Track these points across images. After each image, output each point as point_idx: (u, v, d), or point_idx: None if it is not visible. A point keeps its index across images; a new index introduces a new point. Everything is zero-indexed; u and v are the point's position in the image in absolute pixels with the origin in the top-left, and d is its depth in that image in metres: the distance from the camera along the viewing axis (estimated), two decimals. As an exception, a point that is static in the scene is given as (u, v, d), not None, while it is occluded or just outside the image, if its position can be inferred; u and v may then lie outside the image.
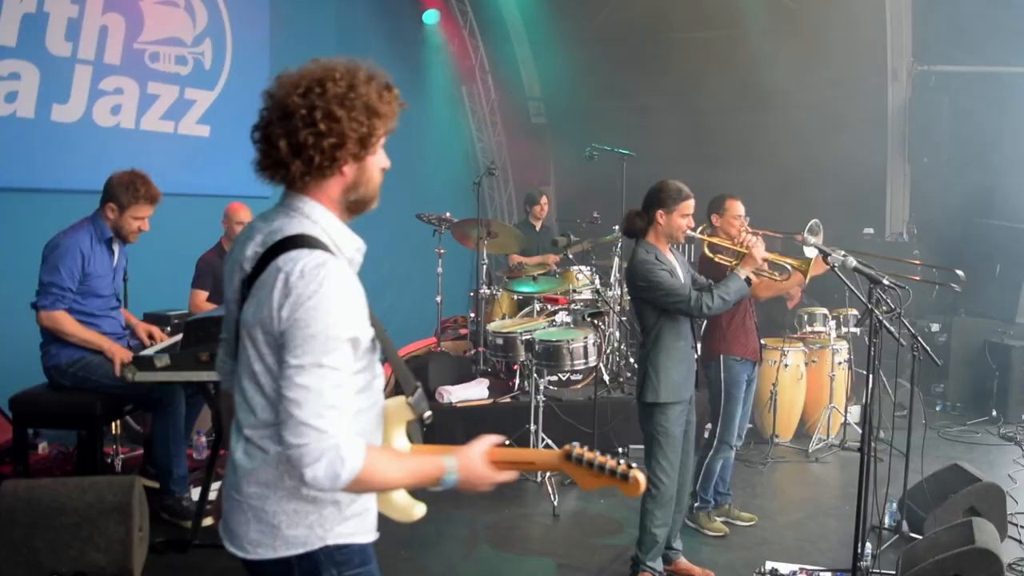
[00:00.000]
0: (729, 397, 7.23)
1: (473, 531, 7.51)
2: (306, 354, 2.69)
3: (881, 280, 5.82)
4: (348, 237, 3.07)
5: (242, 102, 11.83)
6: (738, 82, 12.99)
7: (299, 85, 2.86)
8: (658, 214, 6.11)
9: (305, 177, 2.89)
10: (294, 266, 2.74)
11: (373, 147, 2.99)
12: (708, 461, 7.36)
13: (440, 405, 9.30)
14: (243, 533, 2.91)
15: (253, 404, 2.85)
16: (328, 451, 2.67)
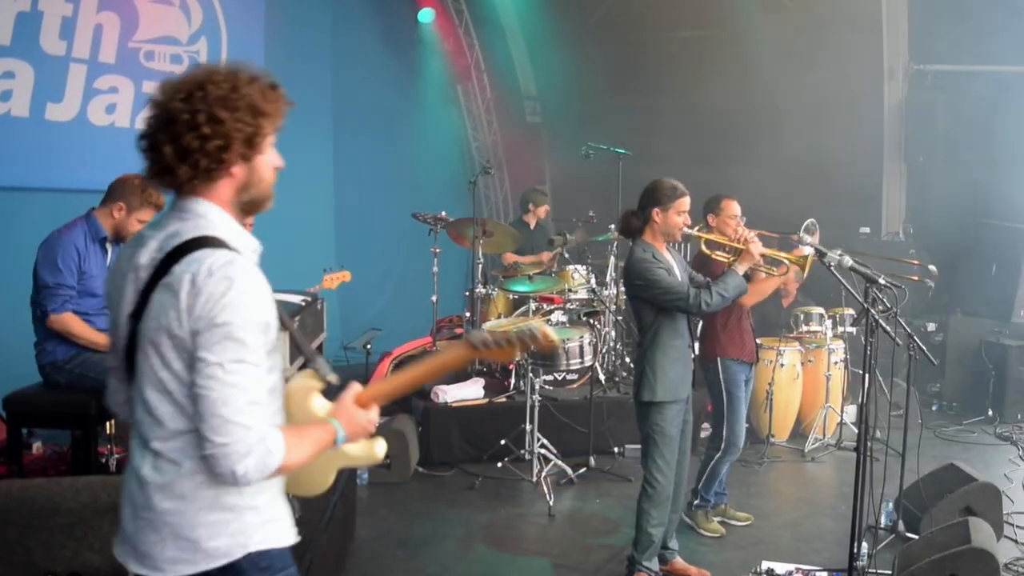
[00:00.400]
0: (731, 398, 7.24)
1: (469, 531, 7.52)
2: (225, 351, 2.68)
3: (877, 279, 5.82)
4: (245, 238, 3.00)
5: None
6: (734, 81, 12.97)
7: (180, 90, 2.83)
8: (654, 212, 6.12)
9: (193, 181, 2.85)
10: (200, 266, 2.72)
11: (261, 146, 2.94)
12: (715, 464, 7.36)
13: (435, 404, 9.31)
14: (157, 553, 2.84)
15: (160, 415, 2.80)
16: (255, 446, 2.68)
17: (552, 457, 8.75)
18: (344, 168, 14.06)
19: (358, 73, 14.20)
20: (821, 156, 12.18)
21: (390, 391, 3.25)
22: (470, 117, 16.76)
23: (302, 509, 5.81)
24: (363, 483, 8.33)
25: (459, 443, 9.23)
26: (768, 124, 12.65)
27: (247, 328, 2.71)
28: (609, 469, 9.04)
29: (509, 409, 9.34)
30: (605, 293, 10.42)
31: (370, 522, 7.58)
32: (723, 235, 6.81)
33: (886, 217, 13.31)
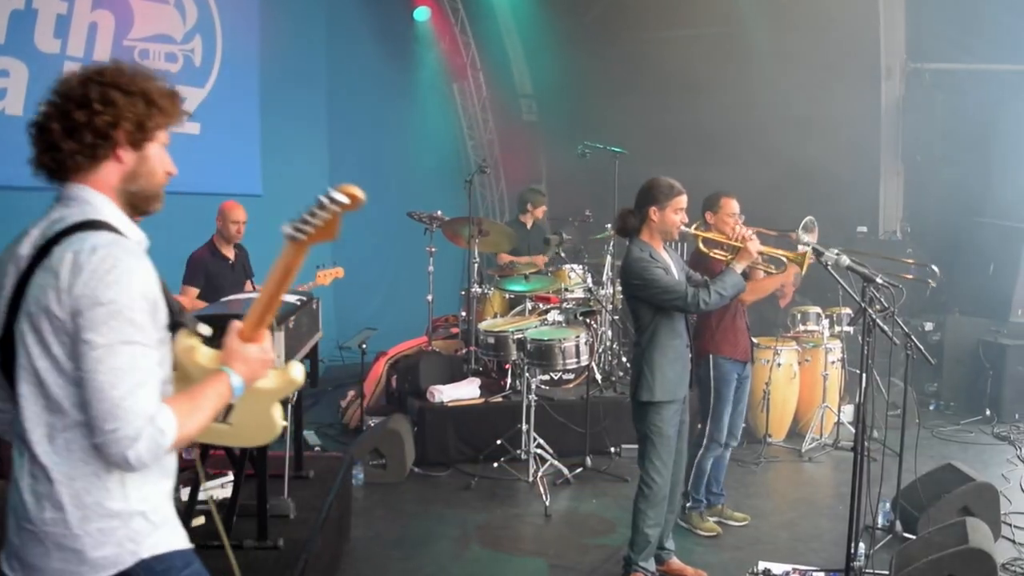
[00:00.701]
0: (719, 396, 7.25)
1: (464, 531, 7.52)
2: (112, 331, 2.57)
3: (875, 278, 5.82)
4: (132, 228, 2.88)
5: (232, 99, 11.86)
6: (731, 79, 12.97)
7: (79, 75, 2.80)
8: (651, 211, 6.11)
9: (77, 157, 2.76)
10: (83, 244, 2.62)
11: (151, 133, 2.88)
12: (698, 460, 7.37)
13: (431, 404, 9.30)
14: (43, 565, 2.70)
15: (34, 414, 2.66)
16: (144, 428, 2.57)
17: (548, 457, 8.75)
18: (339, 166, 14.05)
19: (353, 71, 14.22)
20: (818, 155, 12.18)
21: (262, 311, 3.05)
22: (466, 115, 16.79)
23: (297, 509, 5.83)
24: (358, 483, 8.33)
25: (455, 443, 9.23)
26: (765, 122, 12.64)
27: (134, 307, 2.61)
28: (605, 469, 9.03)
29: (505, 409, 9.34)
30: (602, 292, 10.41)
31: (365, 522, 7.57)
32: (721, 233, 6.82)
33: (883, 216, 13.33)
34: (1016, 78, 12.06)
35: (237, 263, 8.73)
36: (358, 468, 8.35)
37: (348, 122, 14.09)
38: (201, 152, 11.35)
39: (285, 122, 13.04)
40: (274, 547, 5.21)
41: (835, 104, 12.30)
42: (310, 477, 6.60)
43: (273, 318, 3.11)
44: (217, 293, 7.98)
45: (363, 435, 9.02)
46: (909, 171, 13.16)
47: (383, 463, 8.53)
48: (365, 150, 14.19)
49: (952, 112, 12.40)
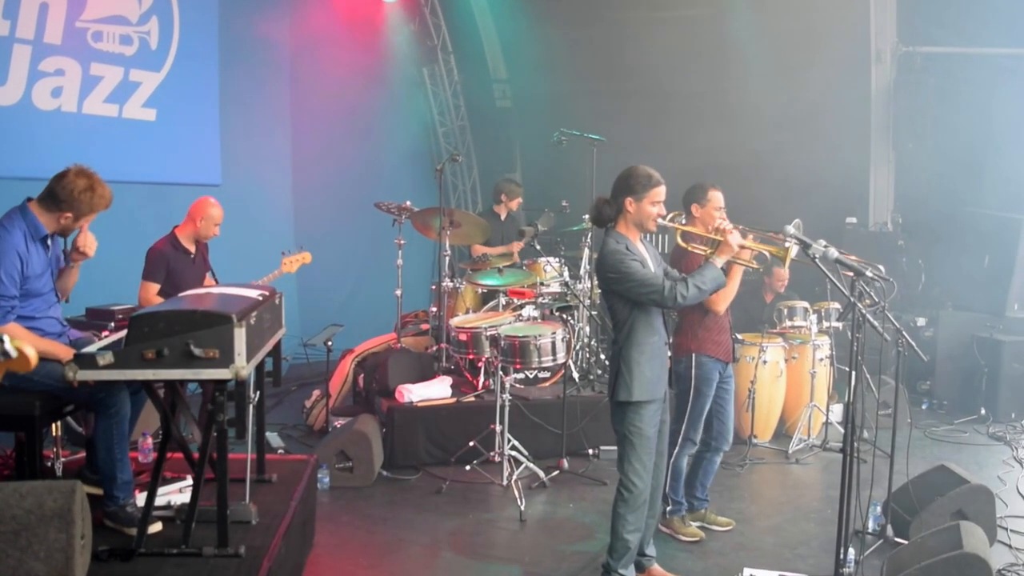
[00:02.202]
0: (698, 395, 7.23)
1: (435, 538, 7.51)
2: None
3: (864, 272, 5.84)
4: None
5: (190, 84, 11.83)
6: (714, 64, 13.00)
7: None
8: (627, 202, 6.10)
9: None
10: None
11: None
12: (673, 459, 7.32)
13: (400, 404, 9.29)
14: None
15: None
16: None
17: (523, 459, 8.76)
18: (302, 155, 14.04)
19: (318, 55, 14.17)
20: (806, 143, 12.23)
21: None
22: (436, 101, 16.74)
23: (260, 515, 5.82)
24: (324, 487, 8.32)
25: (425, 445, 9.23)
26: (750, 109, 12.68)
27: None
28: (583, 472, 9.05)
29: (478, 409, 9.33)
30: (579, 287, 10.43)
31: (331, 528, 7.55)
32: (706, 226, 6.82)
33: (873, 206, 13.37)
34: (1012, 62, 12.11)
35: (198, 256, 8.69)
36: (323, 471, 8.34)
37: (312, 108, 14.05)
38: (157, 140, 11.32)
39: (246, 108, 13.00)
40: (235, 555, 5.20)
41: (823, 89, 12.35)
42: (273, 481, 6.59)
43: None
44: (177, 289, 7.94)
45: (328, 437, 9.01)
46: (900, 159, 13.19)
47: (349, 466, 8.52)
48: (330, 137, 14.15)
49: (945, 97, 12.44)
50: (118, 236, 9.27)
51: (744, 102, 12.78)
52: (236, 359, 5.01)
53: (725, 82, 13.00)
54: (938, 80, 12.53)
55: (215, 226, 8.57)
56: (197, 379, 5.15)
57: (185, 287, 7.81)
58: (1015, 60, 12.09)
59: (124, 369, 5.05)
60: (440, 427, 9.25)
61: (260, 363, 6.19)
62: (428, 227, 10.60)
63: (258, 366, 6.16)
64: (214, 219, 8.56)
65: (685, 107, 13.24)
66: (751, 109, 12.64)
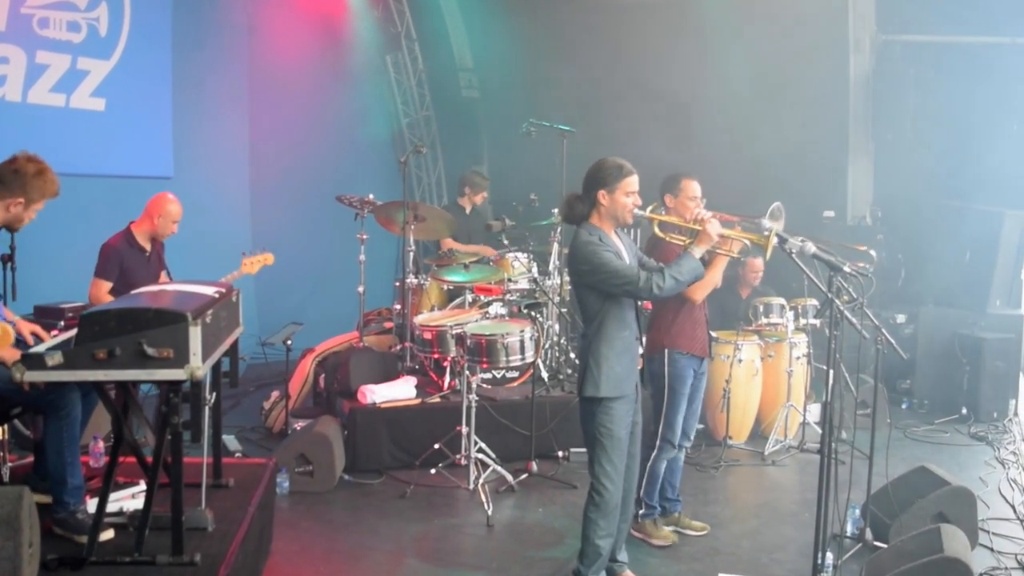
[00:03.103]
0: (673, 393, 7.25)
1: (399, 544, 7.50)
2: None
3: (842, 267, 5.86)
4: None
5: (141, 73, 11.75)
6: (688, 52, 12.98)
7: None
8: (599, 194, 6.10)
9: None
10: None
11: None
12: (651, 463, 7.35)
13: (362, 406, 9.28)
14: None
15: None
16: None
17: (490, 462, 8.76)
18: (261, 147, 13.98)
19: (277, 42, 14.11)
20: (782, 134, 12.24)
21: None
22: (400, 91, 16.72)
23: (216, 521, 5.80)
24: (283, 492, 8.30)
25: (388, 448, 9.21)
26: (725, 99, 12.68)
27: None
28: (553, 475, 9.06)
29: (443, 410, 9.32)
30: (548, 283, 10.43)
31: (290, 535, 7.53)
32: (680, 217, 6.82)
33: (852, 200, 13.39)
34: (993, 51, 12.15)
35: (154, 255, 8.63)
36: (282, 476, 8.32)
37: (271, 98, 14.00)
38: (106, 131, 11.24)
39: (200, 97, 12.91)
40: (190, 563, 5.17)
41: (800, 79, 12.37)
42: (230, 486, 6.56)
43: None
44: (130, 288, 7.86)
45: (288, 440, 8.98)
46: (880, 151, 13.22)
47: (310, 470, 8.50)
48: (290, 128, 14.10)
49: (926, 87, 12.47)
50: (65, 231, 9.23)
51: (719, 92, 12.77)
52: (191, 359, 4.99)
53: (700, 71, 12.99)
54: (918, 70, 12.56)
55: (173, 224, 8.51)
56: (151, 380, 5.12)
57: (138, 286, 7.73)
58: (996, 49, 12.13)
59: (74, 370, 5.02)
60: (404, 429, 9.24)
61: (217, 363, 6.17)
62: (392, 221, 10.57)
63: (214, 366, 6.15)
64: (172, 216, 8.49)
65: (659, 97, 13.21)
66: (727, 99, 12.64)
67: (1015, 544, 7.52)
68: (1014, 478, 9.23)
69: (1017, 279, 12.10)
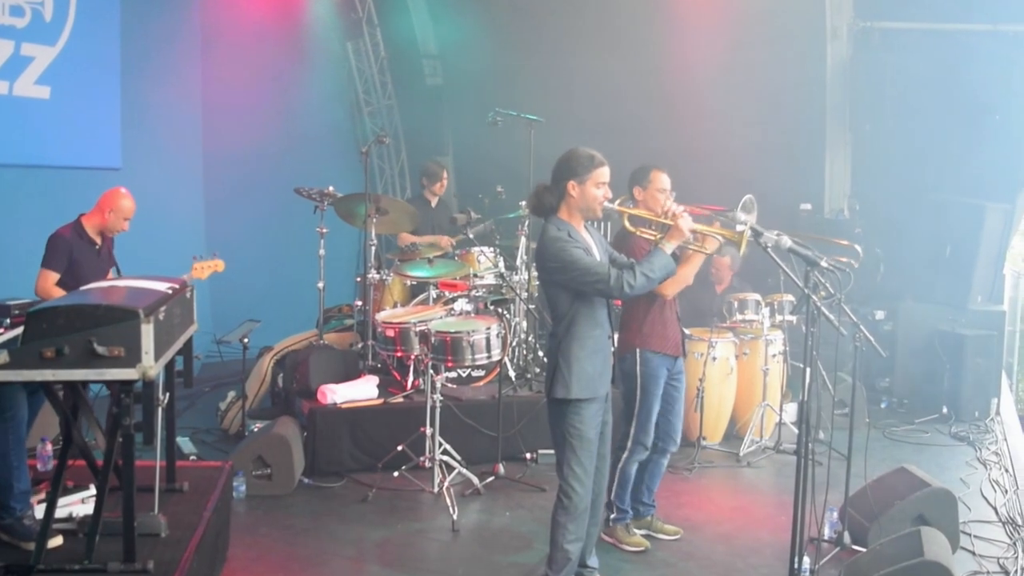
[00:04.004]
0: (645, 394, 7.27)
1: (361, 550, 7.50)
2: None
3: (819, 262, 5.87)
4: None
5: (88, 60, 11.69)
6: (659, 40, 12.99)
7: None
8: (569, 186, 6.09)
9: None
10: None
11: None
12: (622, 464, 7.38)
13: (323, 406, 9.26)
14: None
15: None
16: None
17: (456, 465, 8.75)
18: (214, 136, 13.91)
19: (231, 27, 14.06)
20: (756, 124, 12.26)
21: None
22: (361, 79, 16.68)
23: (170, 527, 5.78)
24: (240, 496, 8.27)
25: (350, 450, 9.20)
26: (697, 88, 12.68)
27: None
28: (520, 478, 9.08)
29: (407, 411, 9.32)
30: (515, 279, 10.43)
31: (247, 540, 7.51)
32: (650, 210, 6.82)
33: (829, 192, 13.41)
34: (974, 38, 12.18)
35: (104, 250, 8.61)
36: (239, 479, 8.30)
37: (225, 86, 13.93)
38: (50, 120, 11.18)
39: (151, 86, 12.83)
40: (143, 571, 5.15)
41: (775, 68, 12.37)
42: (184, 490, 6.54)
43: None
44: (78, 282, 7.84)
45: (245, 442, 8.96)
46: (857, 142, 13.25)
47: (268, 473, 8.49)
48: (245, 118, 14.04)
49: (905, 76, 12.50)
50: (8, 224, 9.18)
51: (693, 81, 12.77)
52: (143, 358, 4.96)
53: (672, 60, 13.00)
54: (897, 58, 12.58)
55: (124, 221, 8.48)
56: (101, 380, 5.09)
57: (87, 281, 7.70)
58: (978, 36, 12.16)
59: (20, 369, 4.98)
60: (366, 430, 9.23)
61: (170, 362, 6.14)
62: (352, 214, 10.55)
63: (168, 365, 6.11)
64: (124, 213, 8.47)
65: (630, 86, 13.23)
66: (700, 88, 12.64)
67: (997, 547, 7.57)
68: (996, 479, 9.29)
69: (999, 274, 12.17)
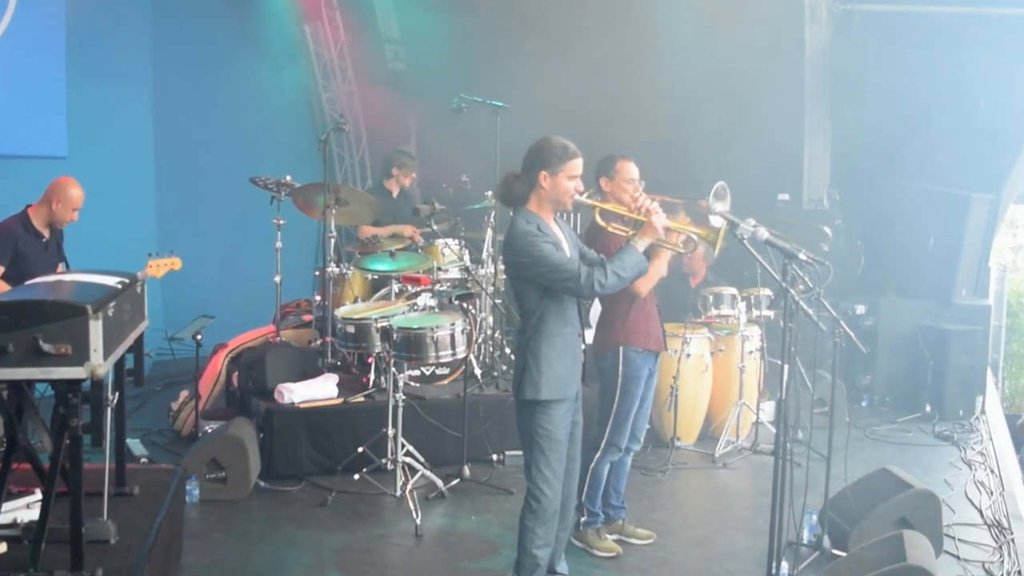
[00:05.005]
0: (625, 393, 7.27)
1: (320, 556, 7.48)
2: None
3: (797, 254, 5.89)
4: None
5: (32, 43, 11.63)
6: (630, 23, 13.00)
7: None
8: (541, 176, 6.07)
9: None
10: None
11: None
12: (594, 465, 7.38)
13: (280, 406, 9.23)
14: None
15: None
16: None
17: (419, 467, 8.75)
18: (165, 123, 13.86)
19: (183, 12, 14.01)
20: (732, 111, 12.28)
21: None
22: (320, 64, 16.63)
23: (119, 533, 5.76)
24: (193, 501, 8.24)
25: (308, 452, 9.18)
26: (670, 73, 12.69)
27: None
28: (487, 480, 9.07)
29: (368, 411, 9.31)
30: (481, 272, 10.42)
31: (201, 547, 7.49)
32: (619, 203, 6.81)
33: (808, 181, 13.45)
34: (959, 22, 12.23)
35: (52, 243, 8.59)
36: (192, 483, 8.27)
37: (177, 71, 13.89)
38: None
39: (98, 71, 12.77)
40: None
41: (751, 52, 12.37)
42: (135, 494, 6.52)
43: None
44: (24, 276, 7.83)
45: (198, 443, 8.94)
46: (837, 129, 13.29)
47: (222, 476, 8.47)
48: (198, 104, 14.01)
49: (887, 60, 12.54)
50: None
51: (665, 66, 12.77)
52: (92, 356, 4.95)
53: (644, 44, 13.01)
54: (879, 41, 12.63)
55: (73, 211, 8.46)
56: (47, 379, 5.08)
57: (34, 275, 7.66)
58: (962, 19, 12.22)
59: (-40, 369, 4.97)
60: (325, 431, 9.21)
61: (120, 360, 6.13)
62: (311, 205, 10.53)
63: (117, 364, 6.10)
64: (72, 203, 8.44)
65: (598, 72, 13.23)
66: (673, 74, 12.64)
67: (982, 551, 7.62)
68: (981, 480, 9.34)
69: (984, 267, 12.24)
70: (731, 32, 12.18)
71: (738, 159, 11.31)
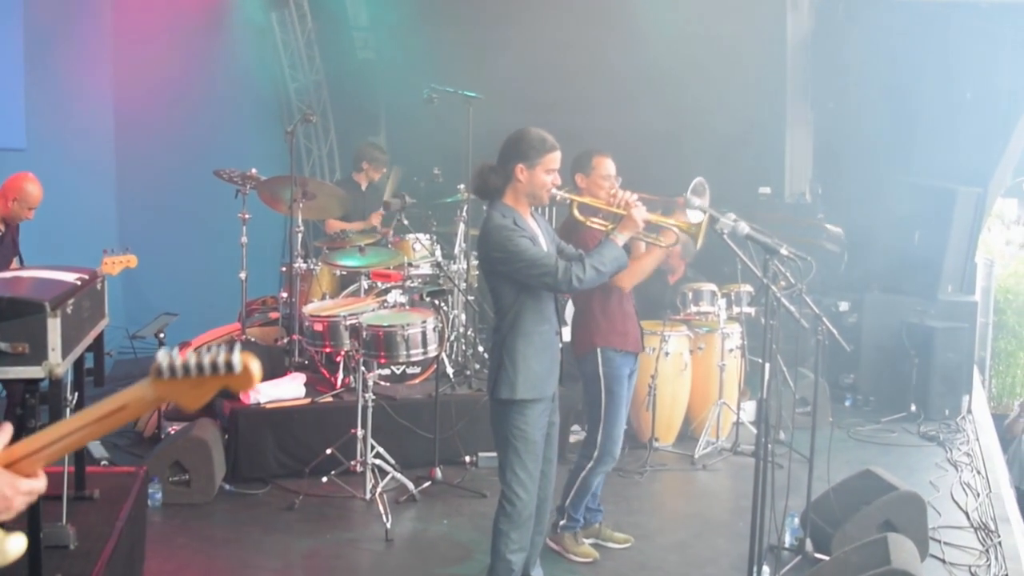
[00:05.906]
0: (612, 396, 7.24)
1: (287, 561, 7.48)
2: None
3: (779, 250, 5.90)
4: None
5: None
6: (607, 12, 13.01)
7: None
8: (517, 169, 6.07)
9: None
10: None
11: None
12: (586, 475, 7.35)
13: (245, 406, 9.21)
14: None
15: None
16: None
17: (389, 469, 8.74)
18: (127, 114, 13.81)
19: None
20: (712, 102, 12.28)
21: (54, 439, 2.56)
22: (287, 52, 16.59)
23: (79, 538, 5.73)
24: (155, 505, 8.21)
25: (275, 454, 9.16)
26: (649, 63, 12.70)
27: None
28: (459, 483, 9.06)
29: (336, 411, 9.30)
30: (453, 268, 10.42)
31: (164, 552, 7.47)
32: (596, 198, 6.82)
33: (790, 175, 13.48)
34: (947, 10, 12.25)
35: (8, 239, 8.55)
36: (155, 486, 8.24)
37: (139, 60, 13.82)
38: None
39: (58, 60, 12.71)
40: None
41: (732, 41, 12.40)
42: (95, 498, 6.49)
43: (60, 455, 2.68)
44: (-23, 273, 7.81)
45: (161, 445, 8.92)
46: (820, 121, 13.32)
47: (186, 479, 8.44)
48: (161, 94, 13.95)
49: (870, 50, 12.57)
50: None
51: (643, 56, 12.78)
52: (50, 355, 4.93)
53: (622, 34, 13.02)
54: (862, 30, 12.66)
55: (29, 210, 8.42)
56: (2, 379, 5.06)
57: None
58: (948, 8, 12.24)
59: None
60: (292, 432, 9.19)
61: (79, 359, 6.09)
62: (277, 199, 10.51)
63: (76, 363, 6.07)
64: (29, 201, 8.40)
65: (575, 62, 13.24)
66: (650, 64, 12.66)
67: (969, 554, 7.66)
68: (968, 482, 9.38)
69: (970, 262, 12.28)
70: (711, 21, 12.21)
71: (718, 151, 11.35)
